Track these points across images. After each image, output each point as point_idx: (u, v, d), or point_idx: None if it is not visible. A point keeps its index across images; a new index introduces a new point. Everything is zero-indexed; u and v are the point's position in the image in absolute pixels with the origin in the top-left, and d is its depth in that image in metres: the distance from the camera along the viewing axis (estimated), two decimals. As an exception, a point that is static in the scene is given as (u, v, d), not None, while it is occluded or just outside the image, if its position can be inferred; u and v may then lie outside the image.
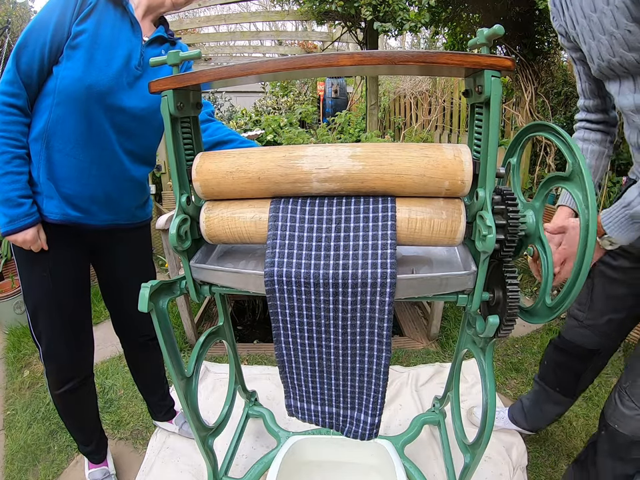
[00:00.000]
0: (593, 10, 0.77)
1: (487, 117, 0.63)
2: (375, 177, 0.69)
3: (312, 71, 0.64)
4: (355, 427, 0.88)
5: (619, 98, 0.83)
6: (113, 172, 1.06)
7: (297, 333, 0.77)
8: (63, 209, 1.03)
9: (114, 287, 1.25)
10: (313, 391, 0.87)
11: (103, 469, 1.36)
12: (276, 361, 0.84)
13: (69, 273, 1.10)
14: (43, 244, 1.03)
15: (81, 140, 1.00)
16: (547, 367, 1.30)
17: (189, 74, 0.68)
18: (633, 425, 0.88)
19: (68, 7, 0.95)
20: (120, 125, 1.03)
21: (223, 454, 1.29)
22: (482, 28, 0.61)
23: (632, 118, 0.81)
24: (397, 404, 1.65)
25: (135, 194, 1.16)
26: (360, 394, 0.84)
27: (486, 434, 0.89)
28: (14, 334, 2.20)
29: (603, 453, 0.97)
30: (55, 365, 1.16)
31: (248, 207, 0.76)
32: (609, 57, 0.79)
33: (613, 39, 0.76)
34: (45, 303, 1.09)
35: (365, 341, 0.75)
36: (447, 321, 2.16)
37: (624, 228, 0.77)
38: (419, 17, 3.13)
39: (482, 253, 0.67)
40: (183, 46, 1.18)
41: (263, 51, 7.16)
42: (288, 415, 0.94)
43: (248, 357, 1.98)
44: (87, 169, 1.03)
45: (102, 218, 1.10)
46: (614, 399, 0.93)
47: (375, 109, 4.10)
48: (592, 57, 0.85)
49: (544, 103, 3.16)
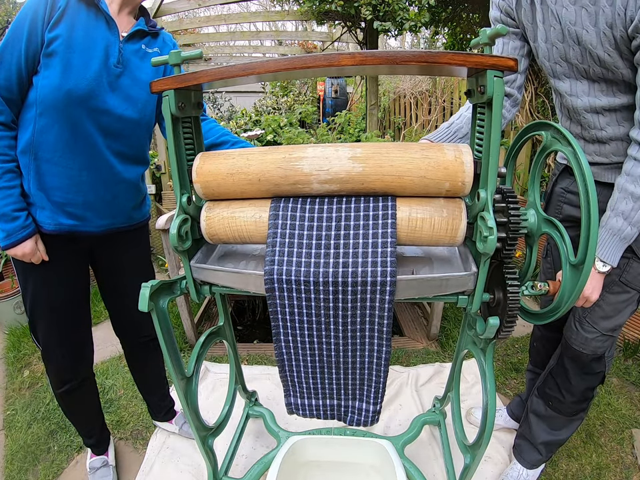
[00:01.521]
0: (573, 23, 0.82)
1: (489, 117, 0.63)
2: (375, 178, 0.69)
3: (312, 70, 0.63)
4: (357, 415, 0.90)
5: (571, 98, 0.93)
6: (104, 176, 1.05)
7: (297, 331, 0.77)
8: (56, 219, 1.03)
9: (113, 288, 1.25)
10: (314, 386, 0.87)
11: (102, 458, 1.39)
12: (275, 359, 0.84)
13: (66, 280, 1.10)
14: (42, 255, 1.04)
15: (67, 147, 0.98)
16: (534, 349, 1.39)
17: (190, 74, 0.68)
18: (593, 344, 1.05)
19: (37, 15, 0.92)
20: (106, 128, 1.01)
21: (223, 454, 1.29)
22: (484, 28, 0.61)
23: (583, 115, 0.93)
24: (397, 404, 1.65)
25: (130, 196, 1.14)
26: (361, 385, 0.85)
27: (486, 434, 0.89)
28: (14, 334, 2.19)
29: (571, 373, 1.12)
30: (54, 366, 1.17)
31: (248, 206, 0.76)
32: (576, 62, 0.86)
33: (587, 52, 0.83)
34: (42, 308, 1.10)
35: (366, 337, 0.75)
36: (447, 321, 2.16)
37: (616, 249, 0.86)
38: (418, 17, 3.13)
39: (483, 254, 0.67)
40: (166, 36, 1.14)
41: (263, 50, 7.16)
42: (288, 413, 0.94)
43: (248, 357, 1.98)
44: (77, 176, 1.01)
45: (97, 224, 1.09)
46: (574, 327, 1.07)
47: (374, 109, 4.09)
48: (548, 56, 0.92)
49: (544, 102, 3.16)
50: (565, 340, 1.11)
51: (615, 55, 0.80)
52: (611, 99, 0.87)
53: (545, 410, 1.21)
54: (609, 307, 1.00)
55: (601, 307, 1.01)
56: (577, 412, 1.18)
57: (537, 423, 1.25)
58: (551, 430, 1.23)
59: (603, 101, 0.88)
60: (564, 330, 1.13)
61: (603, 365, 1.10)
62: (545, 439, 1.24)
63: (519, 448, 1.32)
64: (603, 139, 0.93)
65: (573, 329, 1.07)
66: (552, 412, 1.20)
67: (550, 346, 1.29)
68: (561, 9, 0.83)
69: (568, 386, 1.14)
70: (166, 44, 1.12)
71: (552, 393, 1.19)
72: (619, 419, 1.57)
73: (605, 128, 0.91)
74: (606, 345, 1.06)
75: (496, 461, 1.40)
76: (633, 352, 1.88)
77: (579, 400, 1.15)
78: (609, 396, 1.67)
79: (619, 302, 0.99)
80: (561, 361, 1.15)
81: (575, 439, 1.48)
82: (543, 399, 1.22)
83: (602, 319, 1.02)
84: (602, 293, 0.98)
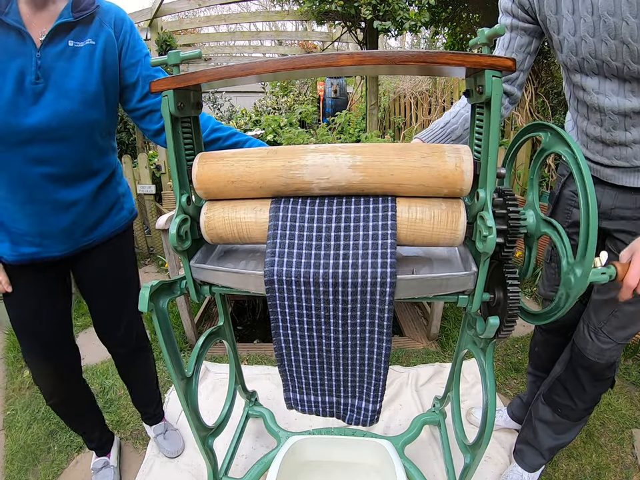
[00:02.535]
0: (612, 13, 0.75)
1: (488, 117, 0.63)
2: (374, 186, 0.70)
3: (312, 71, 0.63)
4: (356, 414, 0.89)
5: (598, 96, 0.86)
6: (48, 206, 0.96)
7: (297, 325, 0.77)
8: (16, 249, 0.99)
9: (92, 300, 1.21)
10: (313, 382, 0.87)
11: (103, 460, 1.39)
12: (275, 354, 0.84)
13: (39, 304, 1.07)
14: (5, 286, 1.01)
15: (3, 184, 0.93)
16: (535, 353, 1.37)
17: (189, 74, 0.68)
18: (608, 354, 1.04)
19: None
20: (35, 157, 0.91)
21: (223, 454, 1.29)
22: (482, 28, 0.61)
23: (610, 116, 0.86)
24: (397, 404, 1.65)
25: (89, 213, 1.04)
26: (360, 382, 0.84)
27: (486, 434, 0.89)
28: (14, 334, 2.19)
29: (584, 381, 1.11)
30: (38, 382, 1.17)
31: (248, 206, 0.76)
32: (608, 59, 0.80)
33: (624, 46, 0.76)
34: (19, 330, 1.10)
35: (366, 331, 0.75)
36: (447, 321, 2.16)
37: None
38: (418, 17, 3.13)
39: (482, 254, 0.67)
40: (105, 14, 0.94)
41: (263, 51, 7.16)
42: (287, 408, 0.93)
43: (248, 357, 1.98)
44: (21, 210, 0.95)
45: (58, 248, 1.03)
46: (589, 337, 1.05)
47: (374, 108, 4.09)
48: (576, 50, 0.85)
49: (544, 102, 3.16)
50: (579, 350, 1.09)
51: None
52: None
53: (553, 417, 1.20)
54: (624, 318, 0.99)
55: (617, 318, 0.99)
56: (584, 416, 1.18)
57: (544, 429, 1.23)
58: (557, 435, 1.22)
59: (634, 102, 0.82)
60: (576, 340, 1.10)
61: (613, 370, 1.10)
62: (550, 444, 1.23)
63: (522, 453, 1.31)
64: (627, 141, 0.87)
65: (588, 340, 1.05)
66: (560, 418, 1.19)
67: (552, 350, 1.27)
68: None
69: (581, 394, 1.12)
70: (102, 27, 0.94)
71: (562, 400, 1.16)
72: (619, 419, 1.57)
73: (629, 129, 0.85)
74: (619, 352, 1.06)
75: (496, 461, 1.40)
76: (633, 352, 1.88)
77: (589, 406, 1.15)
78: (609, 396, 1.67)
79: (635, 312, 0.98)
80: (572, 370, 1.13)
81: (575, 439, 1.48)
82: (551, 407, 1.20)
83: (617, 329, 1.00)
84: (618, 303, 0.96)
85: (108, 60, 0.95)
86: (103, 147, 1.03)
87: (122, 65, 0.98)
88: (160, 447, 1.47)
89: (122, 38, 0.97)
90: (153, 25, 4.10)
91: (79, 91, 0.91)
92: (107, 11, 0.95)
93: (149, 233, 3.19)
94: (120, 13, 0.98)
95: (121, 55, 0.97)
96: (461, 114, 0.98)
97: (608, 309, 1.00)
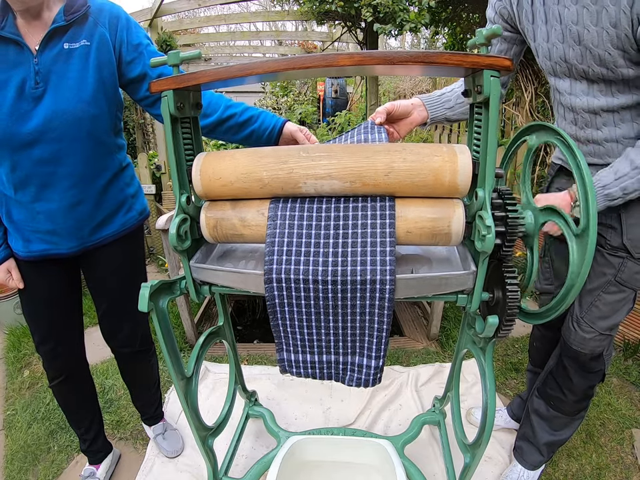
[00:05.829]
0: (575, 22, 0.83)
1: (486, 117, 0.63)
2: (373, 188, 0.71)
3: (312, 71, 0.64)
4: (357, 373, 0.82)
5: (570, 97, 0.95)
6: (57, 205, 1.00)
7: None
8: (27, 246, 1.04)
9: (98, 299, 1.22)
10: (309, 337, 0.80)
11: (91, 469, 1.37)
12: (267, 307, 0.77)
13: (49, 296, 1.12)
14: (17, 283, 1.07)
15: (14, 184, 0.97)
16: (534, 348, 1.39)
17: (189, 74, 0.68)
18: (591, 344, 1.07)
19: None
20: (40, 158, 0.94)
21: (223, 454, 1.29)
22: (481, 28, 0.61)
23: (581, 115, 0.94)
24: (397, 404, 1.65)
25: (99, 211, 1.06)
26: (361, 335, 0.78)
27: (486, 434, 0.89)
28: (14, 334, 2.20)
29: (572, 372, 1.14)
30: (45, 360, 1.20)
31: (248, 206, 0.77)
32: (576, 63, 0.88)
33: (587, 51, 0.84)
34: (29, 315, 1.14)
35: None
36: (447, 321, 2.16)
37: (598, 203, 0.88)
38: (419, 18, 3.13)
39: (481, 253, 0.67)
40: (100, 14, 0.95)
41: (263, 51, 7.17)
42: (281, 372, 0.86)
43: (248, 357, 1.98)
44: (32, 209, 1.00)
45: (67, 246, 1.06)
46: (572, 327, 1.09)
47: (375, 109, 4.09)
48: (549, 55, 0.93)
49: (544, 102, 3.16)
50: (564, 340, 1.12)
51: (615, 53, 0.80)
52: (609, 99, 0.88)
53: (547, 410, 1.22)
54: (605, 307, 1.02)
55: (598, 307, 1.02)
56: (578, 411, 1.20)
57: (539, 423, 1.25)
58: (553, 430, 1.24)
59: (602, 101, 0.89)
60: (562, 330, 1.14)
61: (602, 363, 1.12)
62: (547, 439, 1.25)
63: (520, 450, 1.32)
64: (599, 139, 0.94)
65: (571, 329, 1.09)
66: (554, 412, 1.21)
67: (550, 346, 1.30)
68: (563, 9, 0.84)
69: (569, 385, 1.15)
70: (97, 26, 0.95)
71: (553, 392, 1.19)
72: (619, 419, 1.57)
73: (601, 128, 0.92)
74: (604, 344, 1.07)
75: (496, 461, 1.40)
76: (633, 352, 1.88)
77: (580, 399, 1.17)
78: (608, 396, 1.67)
79: (616, 301, 1.01)
80: (560, 361, 1.16)
81: (575, 439, 1.48)
82: (544, 399, 1.23)
83: (599, 318, 1.03)
84: (598, 293, 1.00)
85: (103, 59, 0.96)
86: (107, 144, 1.05)
87: (123, 62, 1.00)
88: (159, 447, 1.47)
89: (118, 36, 0.98)
90: (153, 25, 4.10)
91: (76, 89, 0.93)
92: (100, 10, 0.96)
93: (149, 233, 3.19)
94: (114, 9, 0.98)
95: (120, 52, 0.99)
96: (455, 91, 1.06)
97: (589, 298, 1.03)
